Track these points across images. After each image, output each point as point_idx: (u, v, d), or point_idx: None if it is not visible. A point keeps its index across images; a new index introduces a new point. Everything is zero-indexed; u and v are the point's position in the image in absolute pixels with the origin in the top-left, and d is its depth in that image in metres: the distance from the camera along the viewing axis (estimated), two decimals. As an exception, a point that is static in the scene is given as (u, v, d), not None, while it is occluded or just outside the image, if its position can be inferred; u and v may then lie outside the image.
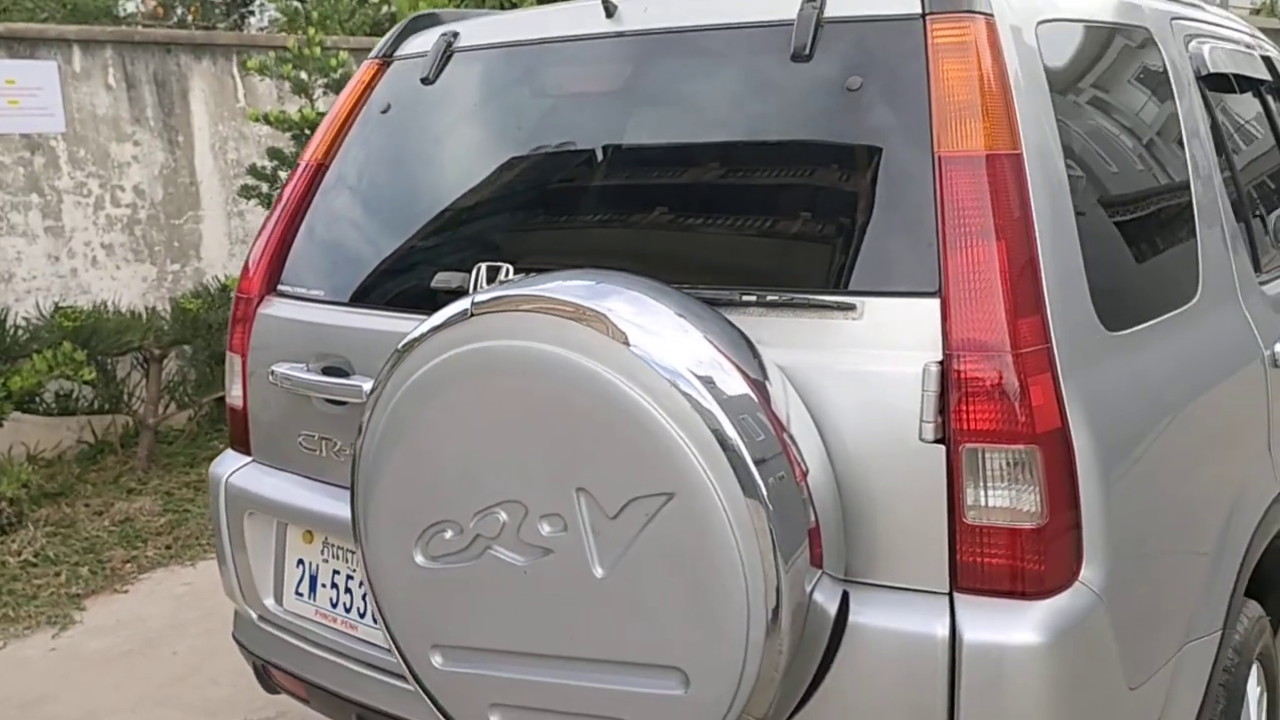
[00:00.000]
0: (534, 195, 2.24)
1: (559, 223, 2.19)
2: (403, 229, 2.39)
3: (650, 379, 1.65)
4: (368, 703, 2.33)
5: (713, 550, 1.65)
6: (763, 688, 1.67)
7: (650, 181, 2.12)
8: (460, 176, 2.37)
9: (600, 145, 2.20)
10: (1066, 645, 1.72)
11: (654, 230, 2.08)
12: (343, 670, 2.38)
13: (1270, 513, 2.37)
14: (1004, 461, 1.72)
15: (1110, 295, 1.90)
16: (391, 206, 2.43)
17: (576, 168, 2.20)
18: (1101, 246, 1.94)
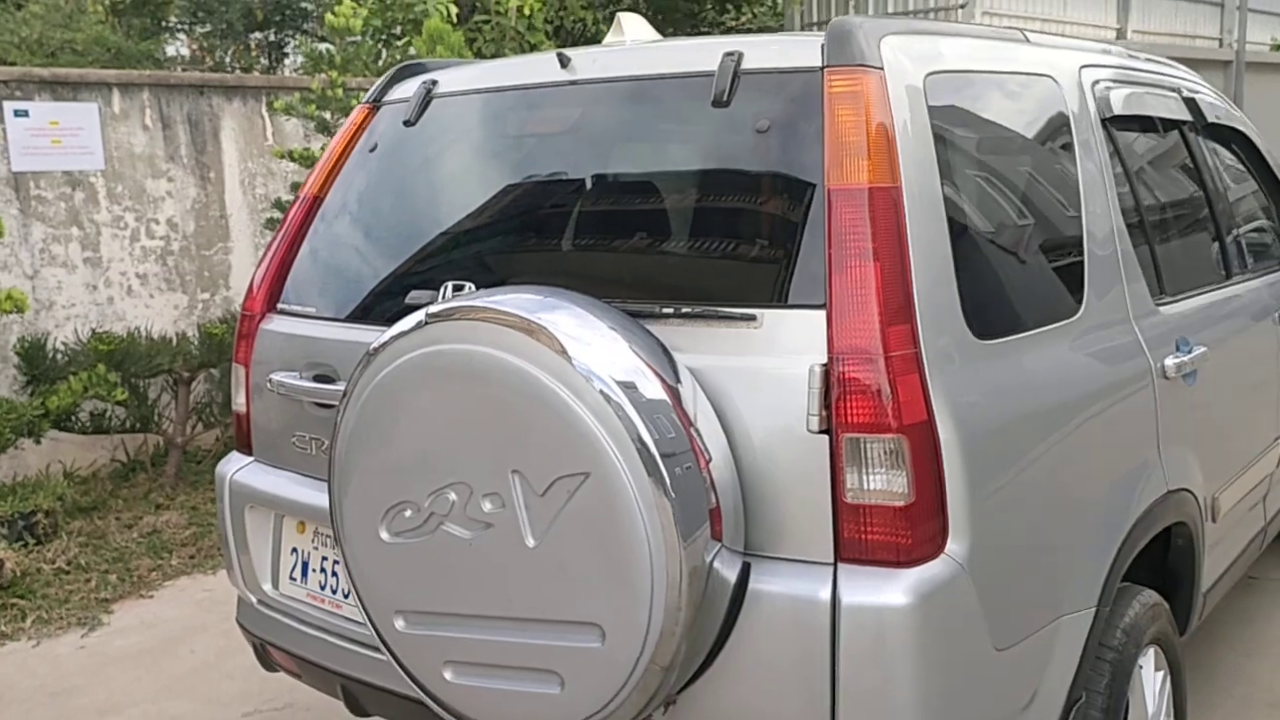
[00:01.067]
0: (495, 221, 2.56)
1: (515, 245, 2.51)
2: (384, 253, 2.72)
3: (571, 377, 1.96)
4: (350, 673, 2.62)
5: (622, 523, 1.95)
6: (666, 641, 1.96)
7: (592, 209, 2.44)
8: (434, 207, 2.70)
9: (552, 178, 2.52)
10: (931, 607, 1.99)
11: (595, 251, 2.40)
12: (329, 646, 2.67)
13: (1156, 509, 2.63)
14: (877, 449, 2.00)
15: (982, 309, 2.18)
16: (375, 234, 2.76)
17: (531, 198, 2.53)
18: (976, 268, 2.22)
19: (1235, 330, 3.25)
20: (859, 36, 2.20)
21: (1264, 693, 3.74)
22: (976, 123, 2.46)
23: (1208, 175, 3.40)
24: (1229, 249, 3.43)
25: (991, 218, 2.37)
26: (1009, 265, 2.38)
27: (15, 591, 4.91)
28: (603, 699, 2.03)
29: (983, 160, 2.44)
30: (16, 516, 5.26)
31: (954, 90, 2.37)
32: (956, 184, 2.26)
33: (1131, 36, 13.17)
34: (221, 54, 10.48)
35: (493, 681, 2.15)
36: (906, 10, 10.80)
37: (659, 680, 2.00)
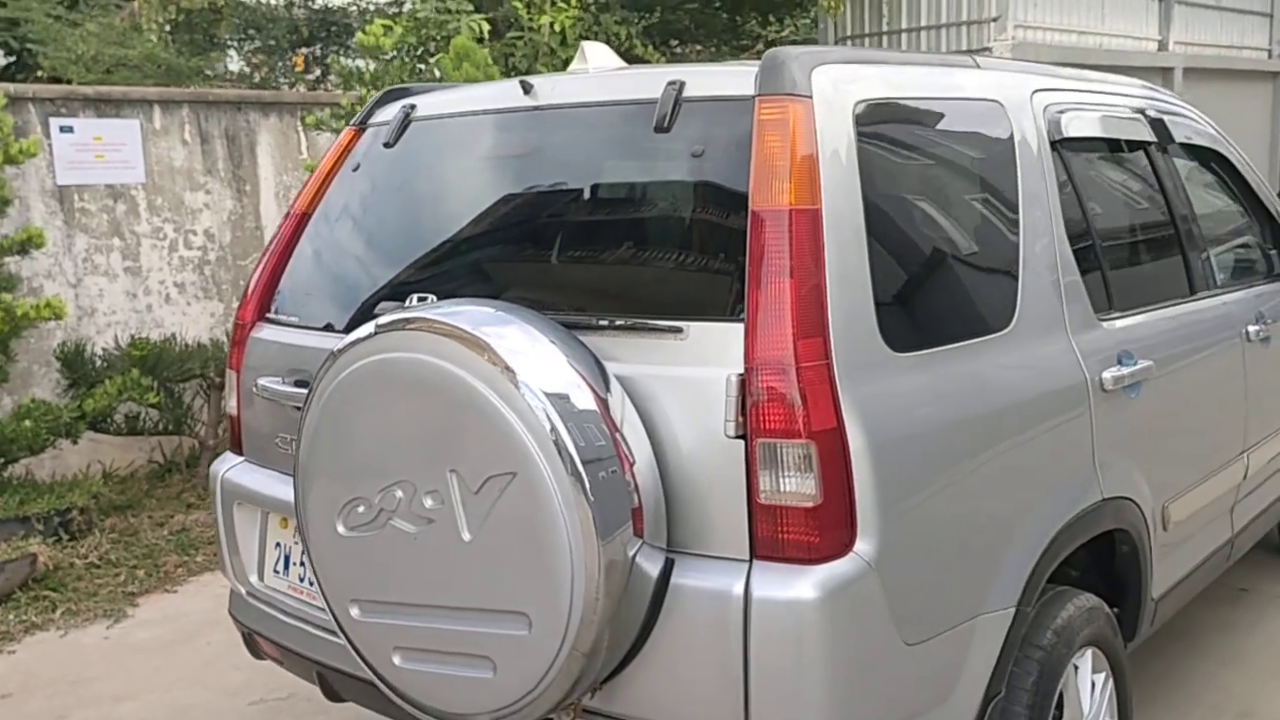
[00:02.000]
0: (457, 238, 2.74)
1: (474, 260, 2.68)
2: (361, 267, 2.91)
3: (501, 384, 2.12)
4: (323, 660, 2.80)
5: (545, 520, 2.10)
6: (586, 629, 2.11)
7: (542, 227, 2.61)
8: (406, 224, 2.88)
9: (509, 198, 2.70)
10: (837, 602, 2.13)
11: (542, 266, 2.57)
12: (306, 635, 2.85)
13: (1089, 516, 2.73)
14: (788, 454, 2.14)
15: (899, 324, 2.31)
16: (354, 248, 2.95)
17: (490, 216, 2.70)
18: (895, 285, 2.35)
19: (1192, 345, 3.33)
20: (791, 67, 2.34)
21: (1235, 702, 3.81)
22: (909, 147, 2.59)
23: (1172, 194, 3.48)
24: (1194, 266, 3.51)
25: (916, 238, 2.49)
26: (932, 283, 2.51)
27: (48, 584, 5.17)
28: (530, 682, 2.19)
29: (913, 183, 2.57)
30: (53, 513, 5.53)
31: (886, 117, 2.50)
32: (882, 206, 2.39)
33: (1173, 48, 13.10)
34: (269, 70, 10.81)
35: (435, 666, 2.32)
36: (939, 24, 10.84)
37: (581, 666, 2.15)
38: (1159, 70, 12.90)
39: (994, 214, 2.74)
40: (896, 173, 2.52)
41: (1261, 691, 3.86)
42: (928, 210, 2.58)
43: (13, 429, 5.41)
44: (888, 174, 2.47)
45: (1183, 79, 13.09)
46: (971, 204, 2.72)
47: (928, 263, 2.51)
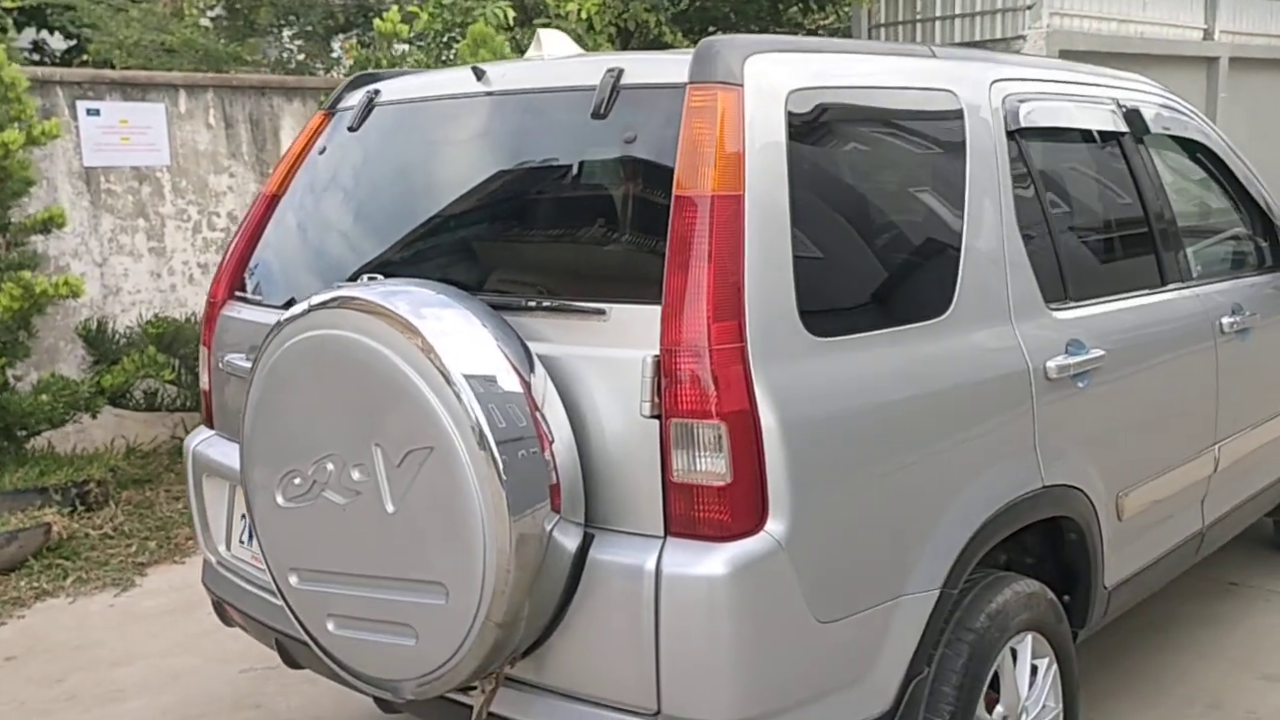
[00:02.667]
0: (408, 218, 2.82)
1: (420, 241, 2.75)
2: (322, 247, 2.99)
3: (419, 361, 2.19)
4: (280, 628, 2.90)
5: (460, 494, 2.17)
6: (499, 599, 2.18)
7: (483, 210, 2.68)
8: (365, 205, 2.96)
9: (457, 181, 2.77)
10: (745, 578, 2.18)
11: (483, 247, 2.65)
12: (266, 603, 2.94)
13: (1026, 502, 2.75)
14: (701, 434, 2.19)
15: (821, 309, 2.34)
16: (317, 230, 3.04)
17: (438, 198, 2.78)
18: (820, 271, 2.38)
19: (1153, 336, 3.31)
20: (724, 55, 2.38)
21: (1206, 694, 3.80)
22: (844, 136, 2.62)
23: (1144, 185, 3.46)
24: (1165, 257, 3.49)
25: (846, 226, 2.52)
26: (858, 270, 2.53)
27: (61, 553, 5.35)
28: (448, 651, 2.26)
29: (847, 171, 2.61)
30: (70, 485, 5.70)
31: (821, 105, 2.53)
32: (811, 194, 2.42)
33: (1219, 37, 12.87)
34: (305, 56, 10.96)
35: (364, 633, 2.40)
36: (973, 11, 10.75)
37: (496, 635, 2.22)
38: (1204, 60, 12.71)
39: (935, 203, 2.76)
40: (829, 161, 2.55)
41: (1235, 685, 3.85)
42: (860, 198, 2.61)
43: (31, 403, 5.58)
44: (819, 162, 2.50)
45: (1228, 68, 12.88)
46: (910, 192, 2.74)
47: (856, 250, 2.54)
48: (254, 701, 4.04)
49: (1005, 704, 2.79)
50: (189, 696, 4.09)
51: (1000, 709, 2.78)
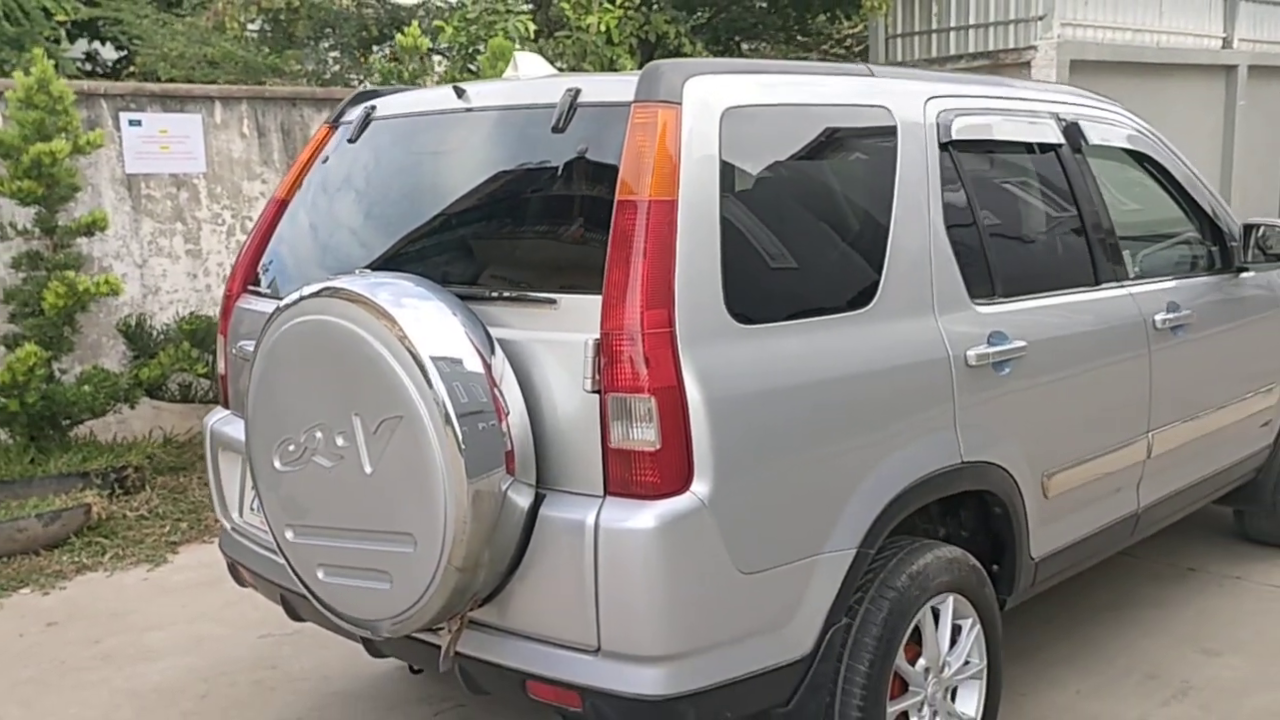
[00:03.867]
0: (396, 220, 3.19)
1: (407, 239, 3.10)
2: (323, 245, 3.37)
3: (391, 341, 2.55)
4: (284, 585, 3.25)
5: (425, 456, 2.52)
6: (458, 547, 2.52)
7: (458, 213, 3.04)
8: (361, 208, 3.33)
9: (438, 187, 3.14)
10: (672, 531, 2.51)
11: (456, 245, 3.01)
12: (272, 563, 3.30)
13: (944, 476, 3.06)
14: (634, 407, 2.53)
15: (747, 300, 2.66)
16: (320, 230, 3.41)
17: (422, 202, 3.15)
18: (746, 267, 2.70)
19: (1078, 330, 3.60)
20: (666, 77, 2.72)
21: (1146, 665, 4.08)
22: (778, 147, 2.94)
23: (1080, 192, 3.75)
24: (1100, 258, 3.78)
25: (772, 228, 2.84)
26: (786, 265, 2.86)
27: (100, 532, 5.77)
28: (417, 593, 2.61)
29: (777, 179, 2.93)
30: (110, 470, 6.14)
31: (755, 121, 2.85)
32: (740, 199, 2.76)
33: (1239, 46, 13.02)
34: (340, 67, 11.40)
35: (348, 579, 2.76)
36: (987, 22, 11.00)
37: (457, 579, 2.56)
38: (1222, 68, 12.87)
39: (862, 207, 3.07)
40: (760, 170, 2.88)
41: (1176, 658, 4.12)
42: (790, 203, 2.93)
43: (74, 393, 6.01)
44: (750, 171, 2.83)
45: (1247, 76, 13.02)
46: (838, 198, 3.06)
47: (783, 249, 2.86)
48: (270, 663, 4.41)
49: (927, 657, 3.11)
50: (212, 658, 4.47)
51: (923, 661, 3.10)
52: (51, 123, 6.05)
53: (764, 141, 2.91)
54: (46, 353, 5.92)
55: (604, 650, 2.58)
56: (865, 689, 2.88)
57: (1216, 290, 4.34)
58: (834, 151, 3.10)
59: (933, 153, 3.26)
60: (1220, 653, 4.14)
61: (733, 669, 2.67)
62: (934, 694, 3.13)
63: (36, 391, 5.85)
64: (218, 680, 4.27)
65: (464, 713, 3.93)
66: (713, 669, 2.63)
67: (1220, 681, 3.93)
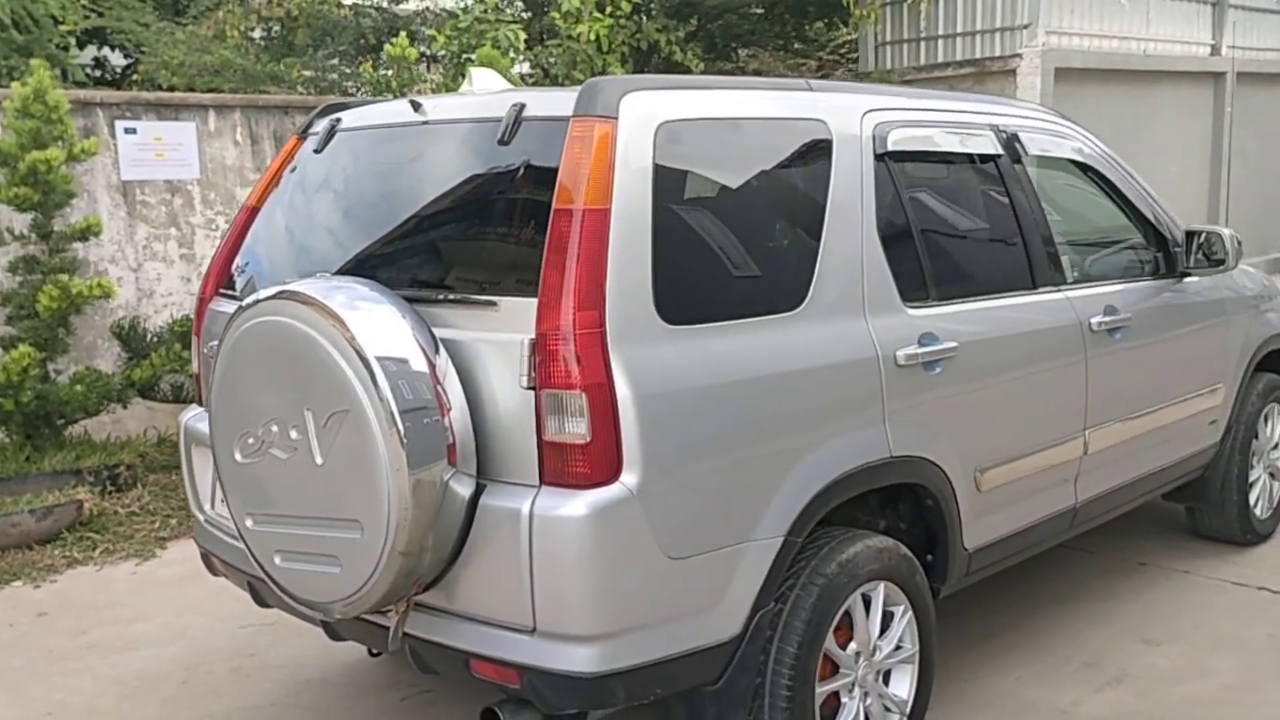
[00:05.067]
0: (356, 227, 3.36)
1: (364, 245, 3.28)
2: (291, 250, 3.54)
3: (339, 341, 2.72)
4: (250, 572, 3.43)
5: (371, 448, 2.70)
6: (401, 532, 2.69)
7: (409, 220, 3.22)
8: (323, 216, 3.51)
9: (393, 195, 3.32)
10: (601, 518, 2.67)
11: (408, 251, 3.19)
12: (239, 552, 3.47)
13: (872, 469, 3.22)
14: (567, 402, 2.71)
15: (676, 303, 2.83)
16: (287, 235, 3.59)
17: (379, 210, 3.32)
18: (676, 271, 2.86)
19: (1011, 332, 3.75)
20: (604, 93, 2.89)
21: (1087, 654, 4.23)
22: (712, 159, 3.11)
23: (1018, 200, 3.91)
24: (1038, 264, 3.94)
25: (703, 235, 3.01)
26: (717, 270, 3.01)
27: (92, 527, 5.97)
28: (364, 576, 2.79)
29: (710, 189, 3.11)
30: (103, 468, 6.33)
31: (690, 135, 3.02)
32: (672, 208, 2.92)
33: (1227, 53, 13.14)
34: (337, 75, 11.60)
35: (302, 564, 2.94)
36: (973, 30, 11.16)
37: (400, 563, 2.74)
38: (1211, 75, 13.00)
39: (795, 216, 3.24)
40: (692, 181, 3.05)
41: (1116, 647, 4.28)
42: (722, 212, 3.10)
43: (67, 393, 6.21)
44: (682, 182, 3.00)
45: (1236, 83, 13.15)
46: (770, 207, 3.23)
47: (714, 254, 3.03)
48: (249, 651, 4.59)
49: (858, 641, 3.27)
50: (194, 647, 4.66)
51: (854, 645, 3.27)
52: (47, 131, 6.25)
53: (699, 154, 3.08)
54: (40, 353, 6.12)
55: (539, 630, 2.75)
56: (794, 670, 3.05)
57: (1158, 295, 4.50)
58: (768, 163, 3.26)
59: (868, 164, 3.42)
60: (1160, 643, 4.29)
61: (662, 649, 2.83)
62: (865, 676, 3.30)
63: (31, 391, 6.05)
64: (198, 668, 4.46)
65: (430, 697, 4.10)
66: (642, 648, 2.80)
67: (1156, 670, 4.08)
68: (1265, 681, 3.96)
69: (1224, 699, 3.86)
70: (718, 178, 3.15)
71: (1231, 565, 5.02)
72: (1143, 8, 12.08)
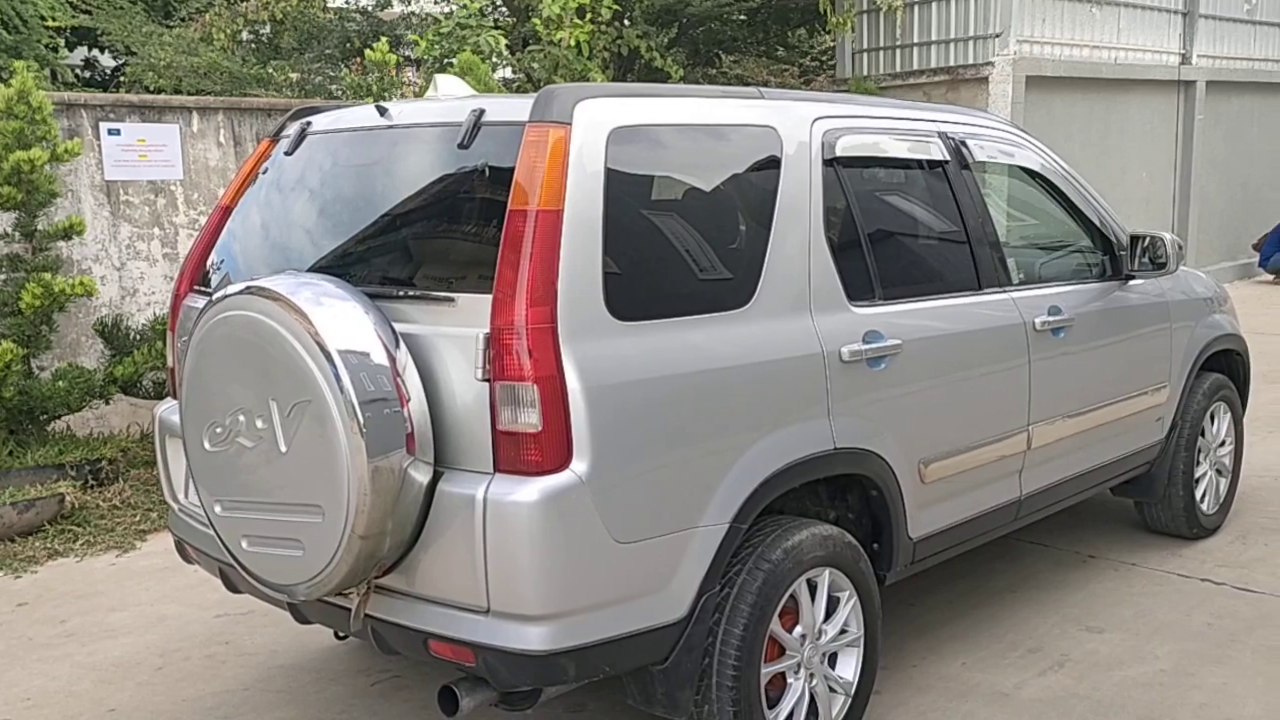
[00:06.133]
0: (324, 226, 3.51)
1: (331, 244, 3.42)
2: (262, 248, 3.68)
3: (302, 335, 2.87)
4: (220, 558, 3.56)
5: (332, 436, 2.85)
6: (360, 516, 2.84)
7: (374, 219, 3.37)
8: (293, 215, 3.65)
9: (360, 196, 3.46)
10: (551, 503, 2.83)
11: (372, 250, 3.33)
12: (210, 538, 3.60)
13: (816, 460, 3.38)
14: (519, 393, 2.85)
15: (625, 300, 2.98)
16: (258, 234, 3.73)
17: (345, 210, 3.47)
18: (626, 269, 3.01)
19: (955, 330, 3.91)
20: (559, 99, 3.04)
21: (1031, 641, 4.40)
22: (663, 163, 3.27)
23: (964, 204, 4.07)
24: (984, 265, 4.10)
25: (652, 235, 3.16)
26: (660, 270, 3.15)
27: (74, 520, 6.10)
28: (325, 559, 2.93)
29: (660, 191, 3.26)
30: (85, 462, 6.46)
31: (642, 140, 3.17)
32: (623, 209, 3.06)
33: (1198, 62, 13.37)
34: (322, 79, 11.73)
35: (268, 548, 3.08)
36: (948, 39, 11.35)
37: (360, 546, 2.88)
38: (1180, 84, 13.22)
39: (743, 219, 3.39)
40: (643, 183, 3.20)
41: (1060, 634, 4.44)
42: (672, 214, 3.26)
43: (50, 389, 6.34)
44: (634, 185, 3.15)
45: (1206, 93, 13.36)
46: (719, 210, 3.37)
47: (663, 254, 3.18)
48: (225, 639, 4.73)
49: (803, 624, 3.43)
50: (170, 635, 4.79)
51: (799, 629, 3.42)
52: (31, 132, 6.38)
53: (650, 158, 3.23)
54: (23, 350, 6.24)
55: (493, 611, 2.90)
56: (740, 651, 3.20)
57: (1103, 296, 4.67)
58: (719, 167, 3.41)
59: (816, 169, 3.58)
60: (1103, 630, 4.46)
61: (611, 628, 2.98)
62: (810, 658, 3.45)
63: (13, 387, 6.18)
64: (173, 655, 4.59)
65: (399, 682, 4.24)
66: (591, 628, 2.95)
67: (1097, 655, 4.24)
68: (1199, 667, 4.12)
69: (1159, 682, 4.02)
70: (669, 181, 3.30)
71: (1177, 558, 5.19)
72: (1114, 17, 12.29)
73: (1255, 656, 4.20)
